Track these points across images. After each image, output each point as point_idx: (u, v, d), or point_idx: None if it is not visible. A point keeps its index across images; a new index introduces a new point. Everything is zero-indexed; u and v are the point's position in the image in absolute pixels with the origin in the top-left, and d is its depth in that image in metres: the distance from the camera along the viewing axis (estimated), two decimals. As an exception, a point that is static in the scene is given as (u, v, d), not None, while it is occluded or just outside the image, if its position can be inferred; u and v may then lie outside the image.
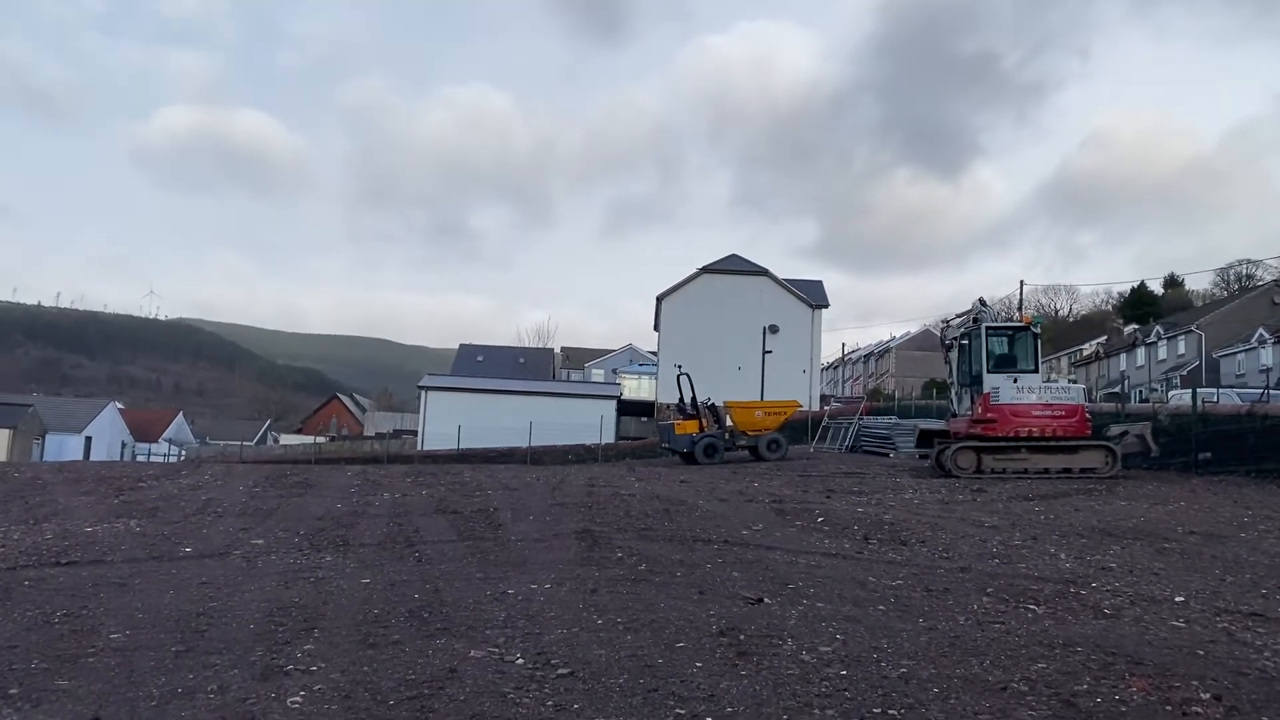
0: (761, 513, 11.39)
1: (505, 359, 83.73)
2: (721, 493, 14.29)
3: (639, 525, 10.04)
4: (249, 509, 11.78)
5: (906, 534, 9.96)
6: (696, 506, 11.78)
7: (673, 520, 10.46)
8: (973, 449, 20.40)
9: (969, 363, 21.82)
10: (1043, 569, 8.28)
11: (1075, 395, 21.06)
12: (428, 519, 10.78)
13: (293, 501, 12.59)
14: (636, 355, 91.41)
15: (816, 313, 57.14)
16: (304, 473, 17.33)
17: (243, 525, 10.40)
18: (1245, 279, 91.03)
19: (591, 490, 13.85)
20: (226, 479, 15.68)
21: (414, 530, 9.87)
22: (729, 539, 9.17)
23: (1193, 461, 21.53)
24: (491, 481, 15.49)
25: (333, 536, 9.63)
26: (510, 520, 10.53)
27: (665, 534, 9.46)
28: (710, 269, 57.21)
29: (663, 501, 12.24)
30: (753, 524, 10.27)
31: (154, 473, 16.61)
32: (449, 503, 12.34)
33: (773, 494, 14.33)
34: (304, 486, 14.60)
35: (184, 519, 10.86)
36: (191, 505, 12.06)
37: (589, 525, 9.91)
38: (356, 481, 15.54)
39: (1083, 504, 14.24)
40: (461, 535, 9.54)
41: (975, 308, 23.83)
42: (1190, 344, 69.00)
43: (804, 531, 9.90)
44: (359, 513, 11.35)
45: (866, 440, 34.20)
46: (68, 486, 14.07)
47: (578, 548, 8.68)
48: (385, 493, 13.70)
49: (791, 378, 54.55)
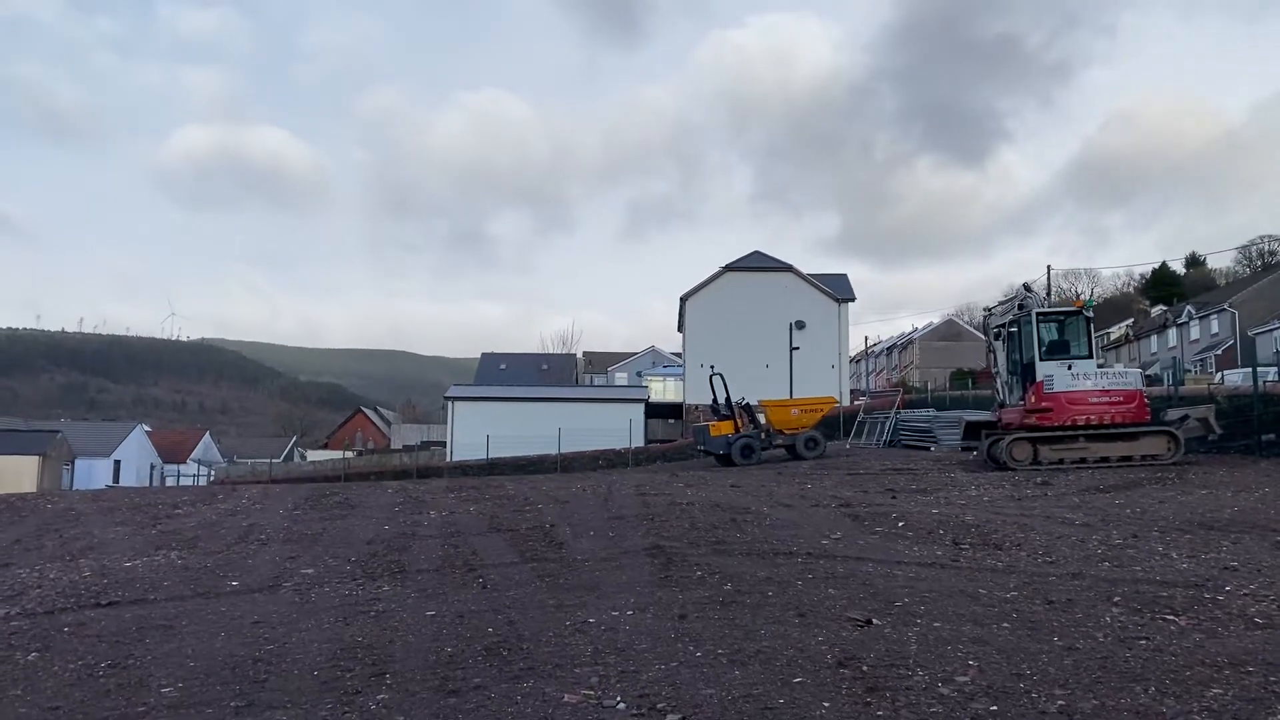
0: (834, 518, 10.74)
1: (528, 366, 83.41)
2: (780, 497, 13.65)
3: (709, 538, 9.41)
4: (293, 534, 11.23)
5: (997, 537, 9.29)
6: (763, 514, 11.14)
7: (743, 531, 9.82)
8: (1028, 440, 19.68)
9: (1019, 350, 21.08)
10: (1161, 571, 7.59)
11: (1133, 380, 20.27)
12: (483, 539, 10.19)
13: (337, 524, 12.03)
14: (660, 357, 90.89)
15: (843, 306, 56.34)
16: (342, 491, 16.79)
17: (289, 553, 9.84)
18: (1269, 255, 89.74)
19: (644, 500, 13.23)
20: (265, 502, 15.16)
21: (471, 552, 9.28)
22: (811, 550, 8.53)
23: (1256, 444, 20.72)
24: (537, 494, 14.89)
25: (386, 562, 9.06)
26: (570, 537, 9.92)
27: (741, 547, 8.83)
28: (733, 267, 56.54)
29: (725, 510, 11.60)
30: (830, 532, 9.62)
31: (189, 498, 16.12)
32: (501, 520, 11.74)
33: (834, 496, 13.67)
34: (346, 507, 14.05)
35: (226, 548, 10.31)
36: (232, 533, 11.51)
37: (657, 540, 9.29)
38: (398, 500, 14.98)
39: (1162, 494, 13.50)
40: (524, 556, 8.93)
41: (1020, 293, 23.06)
42: (1223, 323, 67.74)
43: (887, 539, 9.24)
44: (409, 534, 10.77)
45: (905, 434, 33.41)
46: (101, 517, 13.58)
47: (652, 567, 8.06)
48: (431, 510, 13.13)
49: (820, 373, 53.84)
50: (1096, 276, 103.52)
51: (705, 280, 56.66)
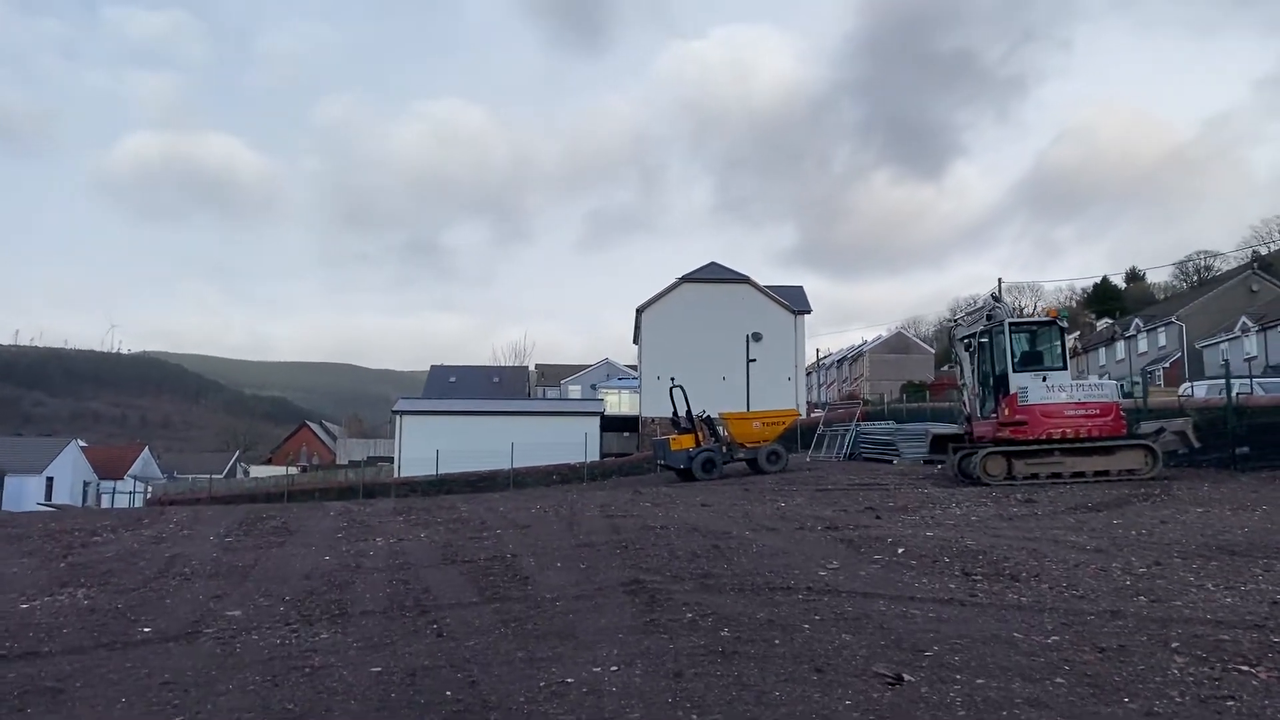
0: (825, 545, 9.80)
1: (479, 379, 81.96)
2: (759, 518, 12.70)
3: (694, 570, 8.41)
4: (221, 567, 10.02)
5: (1009, 565, 8.41)
6: (746, 539, 10.17)
7: (729, 561, 8.84)
8: (1002, 454, 19.01)
9: (991, 362, 20.44)
10: (1207, 608, 6.76)
11: (1109, 392, 19.72)
12: (436, 572, 9.09)
13: (272, 554, 10.84)
14: (614, 370, 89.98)
15: (799, 318, 55.86)
16: (281, 514, 15.52)
17: (215, 590, 8.66)
18: (1204, 270, 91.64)
19: (613, 523, 12.21)
20: (194, 527, 13.87)
21: (423, 589, 8.18)
22: (811, 585, 7.57)
23: (1231, 457, 20.26)
24: (495, 517, 13.79)
25: (325, 602, 7.93)
26: (536, 569, 8.86)
27: (730, 581, 7.84)
28: (690, 278, 55.81)
29: (704, 535, 10.63)
30: (825, 561, 8.68)
31: (111, 523, 14.75)
32: (455, 548, 10.64)
33: (815, 517, 12.76)
34: (283, 532, 12.84)
35: (143, 584, 9.09)
36: (153, 565, 10.27)
37: (635, 573, 8.27)
38: (341, 524, 13.79)
39: (1156, 513, 12.79)
40: (484, 594, 7.85)
41: (988, 303, 22.49)
42: (1171, 336, 68.47)
43: (889, 569, 8.31)
44: (352, 567, 9.62)
45: (866, 447, 32.79)
46: (6, 546, 12.21)
47: (633, 607, 7.04)
48: (377, 537, 11.98)
49: (777, 385, 53.23)
50: (1040, 290, 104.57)
51: (661, 291, 55.84)
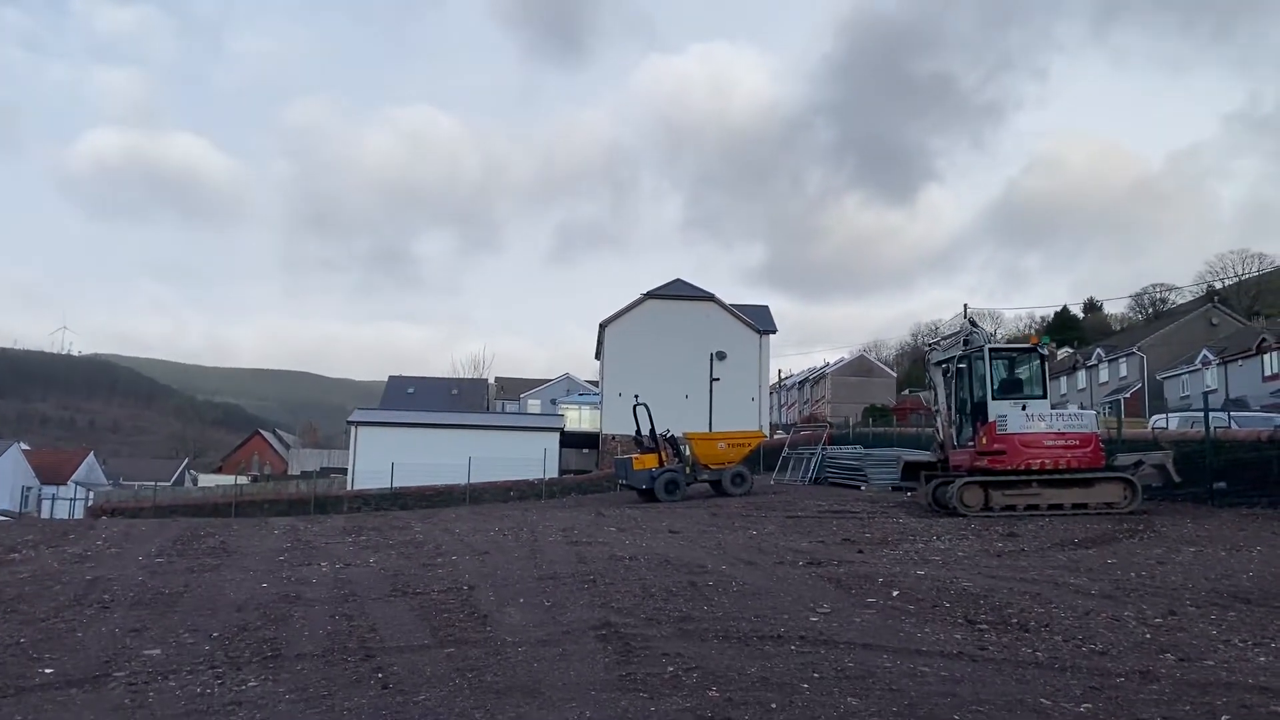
0: (811, 584, 9.04)
1: (437, 391, 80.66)
2: (733, 549, 11.94)
3: (670, 612, 7.61)
4: (146, 593, 9.06)
5: (1013, 612, 7.72)
6: (724, 575, 9.40)
7: (709, 601, 8.06)
8: (979, 484, 18.45)
9: (969, 388, 19.91)
10: (1241, 668, 6.09)
11: (1088, 423, 19.23)
12: (384, 606, 8.20)
13: (204, 578, 9.88)
14: (574, 385, 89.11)
15: (764, 338, 55.49)
16: (221, 531, 14.49)
17: (134, 622, 7.71)
18: (1160, 303, 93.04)
19: (578, 552, 11.38)
20: (124, 544, 12.83)
21: (369, 628, 7.30)
22: (804, 633, 6.80)
23: (1208, 492, 19.87)
24: (451, 540, 12.90)
25: (257, 640, 7.03)
26: (495, 606, 8.01)
27: (713, 626, 7.05)
28: (655, 294, 55.25)
29: (678, 569, 9.84)
30: (814, 603, 7.92)
31: (34, 537, 13.65)
32: (407, 577, 9.75)
33: (793, 550, 12.02)
34: (220, 553, 11.86)
35: (54, 614, 8.11)
36: (69, 589, 9.28)
37: (606, 615, 7.45)
38: (285, 544, 12.83)
39: (1147, 551, 12.23)
40: (437, 636, 6.99)
41: (965, 328, 21.96)
42: (1132, 366, 69.01)
43: (886, 615, 7.57)
44: (292, 597, 8.71)
45: (833, 472, 32.18)
46: (-89, 564, 11.14)
47: (605, 657, 6.24)
48: (322, 562, 11.05)
49: (740, 405, 52.75)
50: (1000, 318, 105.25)
51: (626, 307, 55.23)
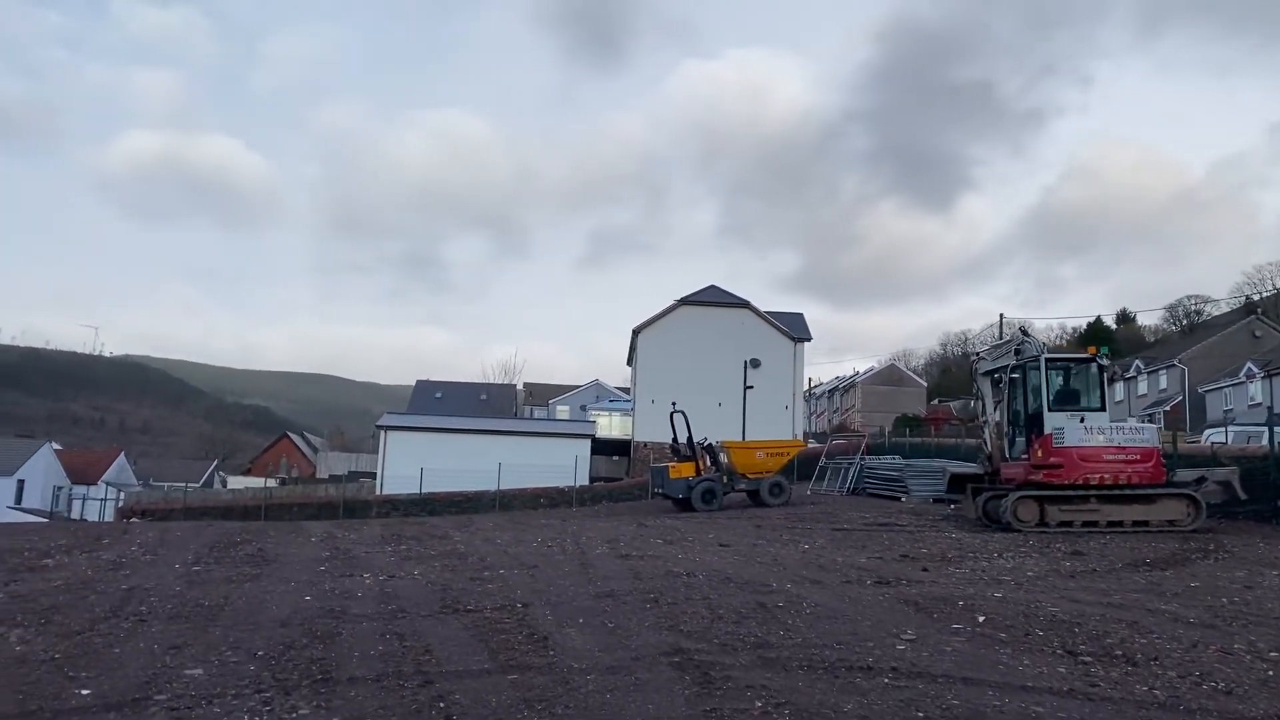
0: (885, 605, 8.49)
1: (466, 396, 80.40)
2: (793, 566, 11.40)
3: (745, 637, 7.09)
4: (185, 605, 8.65)
5: (1113, 641, 7.13)
6: (792, 596, 8.86)
7: (782, 625, 7.53)
8: (1034, 498, 17.81)
9: (1023, 399, 19.26)
10: (1390, 715, 5.50)
11: (1149, 437, 18.51)
12: (437, 625, 7.74)
13: (244, 590, 9.48)
14: (604, 391, 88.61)
15: (798, 346, 54.79)
16: (257, 538, 14.11)
17: (174, 638, 7.30)
18: (1194, 315, 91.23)
19: (632, 568, 10.88)
20: (159, 551, 12.47)
21: (424, 649, 6.83)
22: (894, 663, 6.26)
23: (1272, 510, 19.10)
24: (495, 553, 12.44)
25: (305, 661, 6.58)
26: (554, 626, 7.53)
27: (795, 655, 6.53)
28: (689, 300, 54.70)
29: (742, 588, 9.31)
30: (896, 629, 7.37)
31: (67, 541, 13.32)
32: (456, 592, 9.29)
33: (852, 565, 11.47)
34: (259, 561, 11.47)
35: (90, 626, 7.72)
36: (105, 599, 8.90)
37: (676, 639, 6.94)
38: (324, 553, 12.43)
39: (1228, 574, 11.56)
40: (497, 659, 6.52)
41: (1016, 337, 21.35)
42: (1172, 379, 67.64)
43: (977, 643, 7.01)
44: (337, 612, 8.27)
45: (871, 482, 31.56)
46: (-56, 569, 10.83)
47: (684, 688, 5.73)
48: (365, 573, 10.62)
49: (774, 413, 52.13)
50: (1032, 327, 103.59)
51: (659, 313, 54.72)
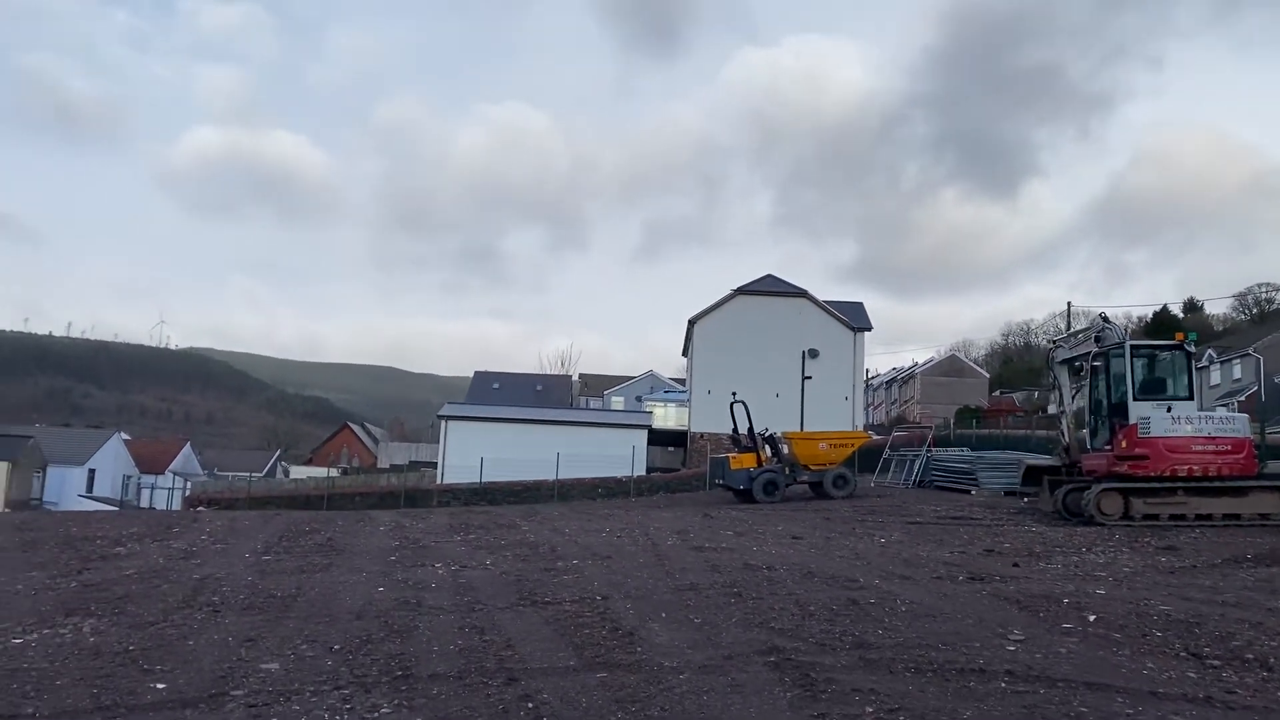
0: (984, 603, 8.03)
1: (522, 386, 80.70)
2: (870, 558, 10.97)
3: (841, 635, 6.69)
4: (257, 595, 8.49)
5: (1239, 643, 6.61)
6: (884, 592, 8.43)
7: (879, 623, 7.12)
8: (1118, 490, 17.12)
9: (1106, 388, 18.51)
10: None
11: (1240, 427, 17.65)
12: (515, 618, 7.46)
13: (316, 580, 9.30)
14: (658, 382, 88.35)
15: (858, 336, 53.89)
16: (325, 527, 14.00)
17: (249, 630, 7.11)
18: (1265, 303, 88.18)
19: (708, 560, 10.53)
20: (228, 539, 12.39)
21: (504, 643, 6.55)
22: (1008, 666, 5.83)
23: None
24: (564, 542, 12.17)
25: (383, 655, 6.34)
26: (638, 621, 7.20)
27: (897, 655, 6.12)
28: (746, 290, 54.07)
29: (827, 583, 8.91)
30: (1002, 628, 6.93)
31: (138, 529, 13.33)
32: (531, 583, 9.02)
33: (937, 560, 11.00)
34: (329, 551, 11.32)
35: (163, 617, 7.56)
36: (178, 589, 8.77)
37: (769, 638, 6.57)
38: (393, 542, 12.26)
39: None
40: (582, 656, 6.21)
41: (1096, 324, 20.60)
42: (1247, 368, 65.47)
43: (1091, 644, 6.54)
44: (412, 604, 8.03)
45: (939, 474, 30.85)
46: (18, 556, 10.81)
47: (784, 690, 5.36)
48: (436, 563, 10.40)
49: (833, 404, 51.36)
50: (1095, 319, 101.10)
51: (716, 303, 54.19)
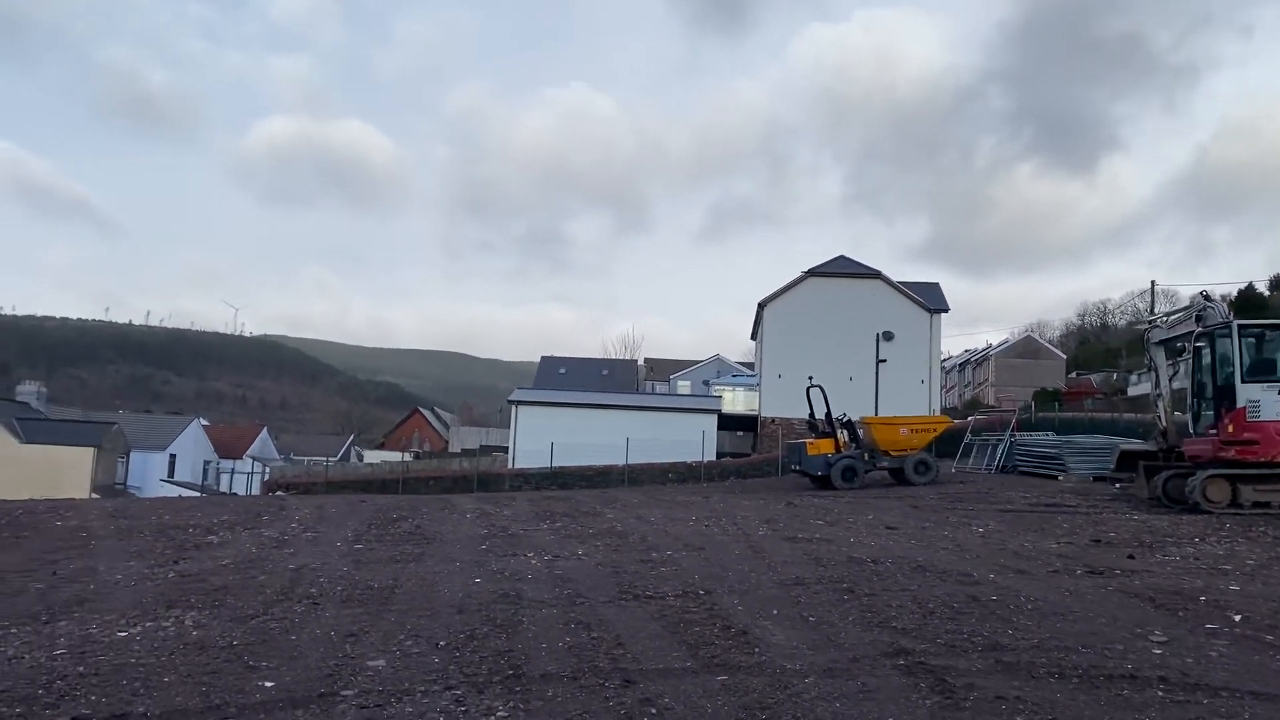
0: (1114, 600, 7.56)
1: (589, 371, 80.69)
2: (977, 551, 10.51)
3: (968, 635, 6.30)
4: (355, 587, 8.36)
5: None
6: (1001, 587, 8.00)
7: (1007, 622, 6.71)
8: (1225, 477, 16.34)
9: (1211, 370, 17.68)
10: None
11: (1357, 409, 16.72)
12: (619, 612, 7.20)
13: (411, 570, 9.16)
14: (725, 366, 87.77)
15: (935, 317, 52.64)
16: (412, 514, 13.92)
17: (350, 624, 6.95)
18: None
19: (808, 552, 10.17)
20: (318, 527, 12.36)
21: (614, 641, 6.29)
22: (1159, 671, 5.39)
23: None
24: (654, 532, 11.90)
25: (492, 653, 6.12)
26: (749, 618, 6.89)
27: (1036, 658, 5.72)
28: (817, 272, 53.15)
29: (939, 577, 8.50)
30: (1140, 629, 6.47)
31: (228, 517, 13.38)
32: (629, 575, 8.77)
33: (1046, 551, 10.50)
34: (419, 539, 11.21)
35: (264, 610, 7.46)
36: (274, 580, 8.69)
37: (893, 638, 6.21)
38: (481, 529, 12.11)
39: None
40: (697, 656, 5.91)
41: (1197, 303, 19.69)
42: (1343, 347, 62.77)
43: (1244, 646, 6.06)
44: (512, 596, 7.82)
45: (1023, 460, 29.94)
46: (115, 543, 10.87)
47: (921, 696, 5.00)
48: (529, 552, 10.21)
49: (909, 388, 50.27)
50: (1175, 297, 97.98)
51: (786, 285, 53.40)
